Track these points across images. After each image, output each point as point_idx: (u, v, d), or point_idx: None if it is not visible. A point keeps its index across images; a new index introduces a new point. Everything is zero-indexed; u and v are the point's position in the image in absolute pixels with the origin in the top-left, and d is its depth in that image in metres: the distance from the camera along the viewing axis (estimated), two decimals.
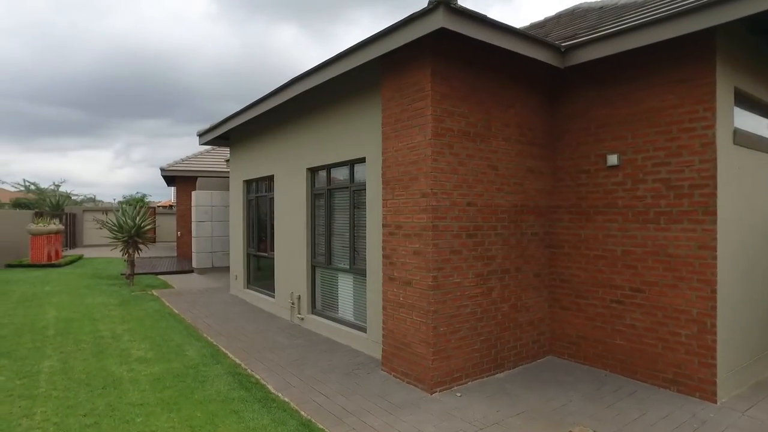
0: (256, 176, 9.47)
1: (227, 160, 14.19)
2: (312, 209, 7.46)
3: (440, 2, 4.11)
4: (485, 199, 5.16)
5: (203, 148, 18.73)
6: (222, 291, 10.97)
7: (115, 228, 11.71)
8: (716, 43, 4.39)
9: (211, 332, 7.11)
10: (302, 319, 7.54)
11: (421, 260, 4.78)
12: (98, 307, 8.85)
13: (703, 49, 4.47)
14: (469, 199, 5.00)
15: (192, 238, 14.41)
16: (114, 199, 41.19)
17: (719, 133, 4.45)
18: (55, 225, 16.25)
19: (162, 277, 13.32)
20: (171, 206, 30.53)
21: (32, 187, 32.25)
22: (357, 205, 6.40)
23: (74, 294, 10.29)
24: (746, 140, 4.92)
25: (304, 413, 4.23)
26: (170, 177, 18.17)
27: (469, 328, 5.01)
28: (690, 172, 4.61)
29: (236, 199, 10.50)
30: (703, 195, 4.52)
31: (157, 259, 17.80)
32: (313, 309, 7.48)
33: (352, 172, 6.49)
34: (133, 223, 11.67)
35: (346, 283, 6.79)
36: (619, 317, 5.22)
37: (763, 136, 5.35)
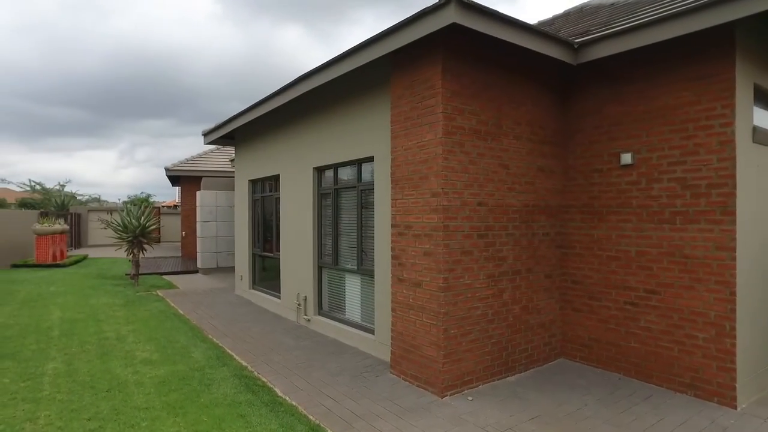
0: (261, 176, 9.39)
1: (232, 160, 14.14)
2: (318, 209, 7.38)
3: None
4: (496, 198, 5.06)
5: (208, 148, 18.69)
6: (227, 291, 10.90)
7: (120, 228, 11.67)
8: (736, 38, 4.27)
9: (216, 333, 7.04)
10: (309, 320, 7.46)
11: (432, 261, 4.68)
12: (103, 308, 8.79)
13: (721, 44, 4.35)
14: (480, 199, 4.90)
15: (197, 238, 14.36)
16: (119, 199, 41.28)
17: (738, 131, 4.33)
18: (60, 225, 16.25)
19: (167, 277, 13.28)
20: (175, 206, 30.56)
21: (37, 187, 32.37)
22: (365, 204, 6.30)
23: (79, 294, 10.25)
24: (766, 138, 4.80)
25: (312, 418, 4.14)
26: (175, 177, 18.15)
27: (480, 331, 4.91)
28: (707, 171, 4.49)
29: (241, 198, 10.43)
30: (721, 194, 4.40)
31: (162, 259, 17.76)
32: (319, 310, 7.39)
33: (360, 171, 6.40)
34: (138, 223, 11.63)
35: (353, 284, 6.69)
36: (633, 319, 5.10)
37: None
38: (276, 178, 8.82)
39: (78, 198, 34.39)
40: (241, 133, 10.16)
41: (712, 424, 4.01)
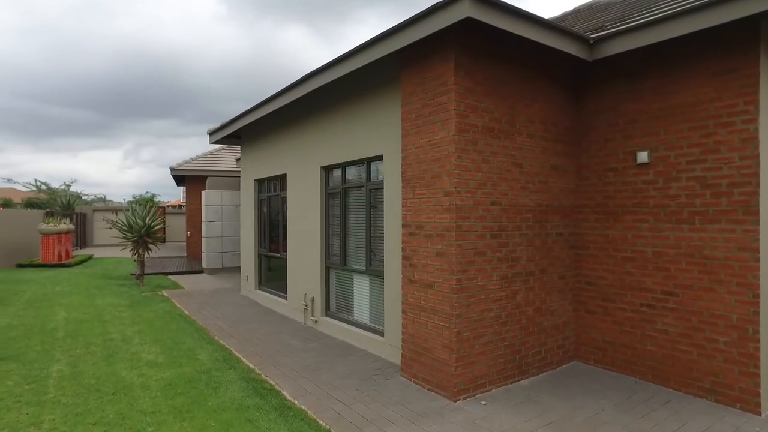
0: (267, 175, 9.29)
1: (238, 159, 14.06)
2: (326, 209, 7.27)
3: None
4: (509, 198, 4.94)
5: (213, 148, 18.63)
6: (233, 292, 10.82)
7: (125, 228, 11.61)
8: (761, 31, 4.13)
9: (222, 335, 6.95)
10: (316, 321, 7.35)
11: (444, 262, 4.56)
12: (108, 308, 8.72)
13: (745, 38, 4.20)
14: (493, 198, 4.78)
15: (202, 238, 14.29)
16: (124, 199, 41.37)
17: (762, 128, 4.19)
18: (65, 225, 16.22)
19: (172, 277, 13.21)
20: (180, 206, 30.55)
21: (43, 187, 32.38)
22: (373, 204, 6.19)
23: (84, 294, 10.19)
24: None
25: (322, 422, 4.03)
26: (180, 176, 18.08)
27: (494, 333, 4.79)
28: (729, 170, 4.36)
29: (247, 198, 10.34)
30: (743, 194, 4.26)
31: (167, 259, 17.72)
32: (327, 311, 7.28)
33: (369, 170, 6.29)
34: (143, 223, 11.56)
35: (362, 285, 6.59)
36: (649, 322, 4.97)
37: None
38: (282, 177, 8.72)
39: (83, 198, 34.43)
40: (246, 132, 10.06)
41: (735, 431, 3.88)
